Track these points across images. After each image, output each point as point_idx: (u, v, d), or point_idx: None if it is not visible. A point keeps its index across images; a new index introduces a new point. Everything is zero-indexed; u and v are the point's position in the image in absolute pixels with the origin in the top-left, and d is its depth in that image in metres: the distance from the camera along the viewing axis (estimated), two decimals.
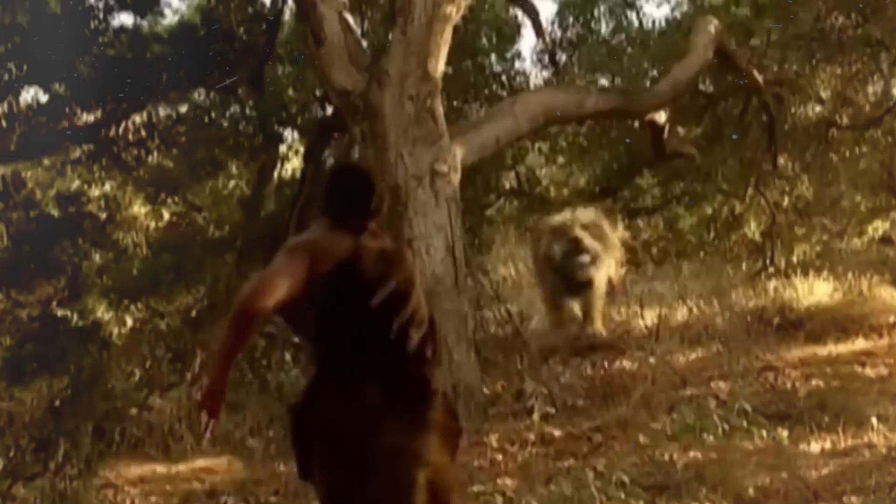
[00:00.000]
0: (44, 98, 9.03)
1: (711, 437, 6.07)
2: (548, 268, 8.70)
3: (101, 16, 8.84)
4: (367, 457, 3.28)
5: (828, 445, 5.90)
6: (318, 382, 3.48)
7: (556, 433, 6.55)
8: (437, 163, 7.25)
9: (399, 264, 3.53)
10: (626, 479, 5.43)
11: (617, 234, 9.31)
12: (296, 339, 7.86)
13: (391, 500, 3.29)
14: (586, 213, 8.93)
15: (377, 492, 3.27)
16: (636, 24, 11.67)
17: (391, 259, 3.50)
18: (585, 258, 8.46)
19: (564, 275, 8.53)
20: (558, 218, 8.85)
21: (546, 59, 11.51)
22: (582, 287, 8.60)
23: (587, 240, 8.49)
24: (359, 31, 8.52)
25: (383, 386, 3.37)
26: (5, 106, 8.50)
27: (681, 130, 11.20)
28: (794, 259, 11.20)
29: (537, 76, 11.60)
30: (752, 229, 11.75)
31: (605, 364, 7.81)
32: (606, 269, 8.76)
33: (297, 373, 7.79)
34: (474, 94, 10.70)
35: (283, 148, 10.88)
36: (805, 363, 7.49)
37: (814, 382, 7.03)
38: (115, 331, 9.06)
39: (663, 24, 11.54)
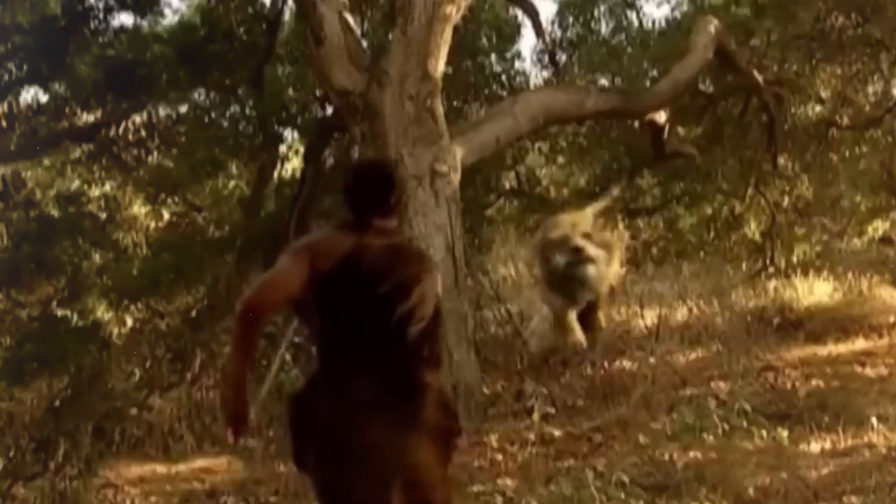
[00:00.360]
0: (44, 98, 9.08)
1: (711, 437, 6.06)
2: (552, 278, 8.61)
3: (101, 16, 8.87)
4: (353, 451, 3.32)
5: (828, 445, 5.89)
6: (317, 377, 3.52)
7: (556, 433, 6.54)
8: (437, 163, 7.24)
9: (404, 261, 3.54)
10: (626, 479, 5.43)
11: (617, 232, 9.28)
12: (296, 340, 7.86)
13: (371, 494, 3.32)
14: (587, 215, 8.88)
15: (359, 486, 3.31)
16: (636, 24, 11.67)
17: (396, 256, 3.51)
18: (590, 268, 8.37)
19: (569, 284, 8.44)
20: (559, 227, 8.75)
21: (546, 59, 11.51)
22: (586, 295, 8.54)
23: (589, 248, 8.41)
24: (359, 31, 8.52)
25: (378, 383, 3.39)
26: (5, 106, 8.53)
27: (681, 130, 11.19)
28: (794, 259, 11.21)
29: (537, 76, 11.62)
30: (752, 229, 11.75)
31: (605, 364, 7.81)
32: (610, 272, 8.71)
33: (297, 373, 7.79)
34: (474, 94, 10.69)
35: (283, 148, 10.88)
36: (805, 363, 7.48)
37: (814, 382, 7.03)
38: (115, 331, 9.07)
39: (663, 24, 11.56)
